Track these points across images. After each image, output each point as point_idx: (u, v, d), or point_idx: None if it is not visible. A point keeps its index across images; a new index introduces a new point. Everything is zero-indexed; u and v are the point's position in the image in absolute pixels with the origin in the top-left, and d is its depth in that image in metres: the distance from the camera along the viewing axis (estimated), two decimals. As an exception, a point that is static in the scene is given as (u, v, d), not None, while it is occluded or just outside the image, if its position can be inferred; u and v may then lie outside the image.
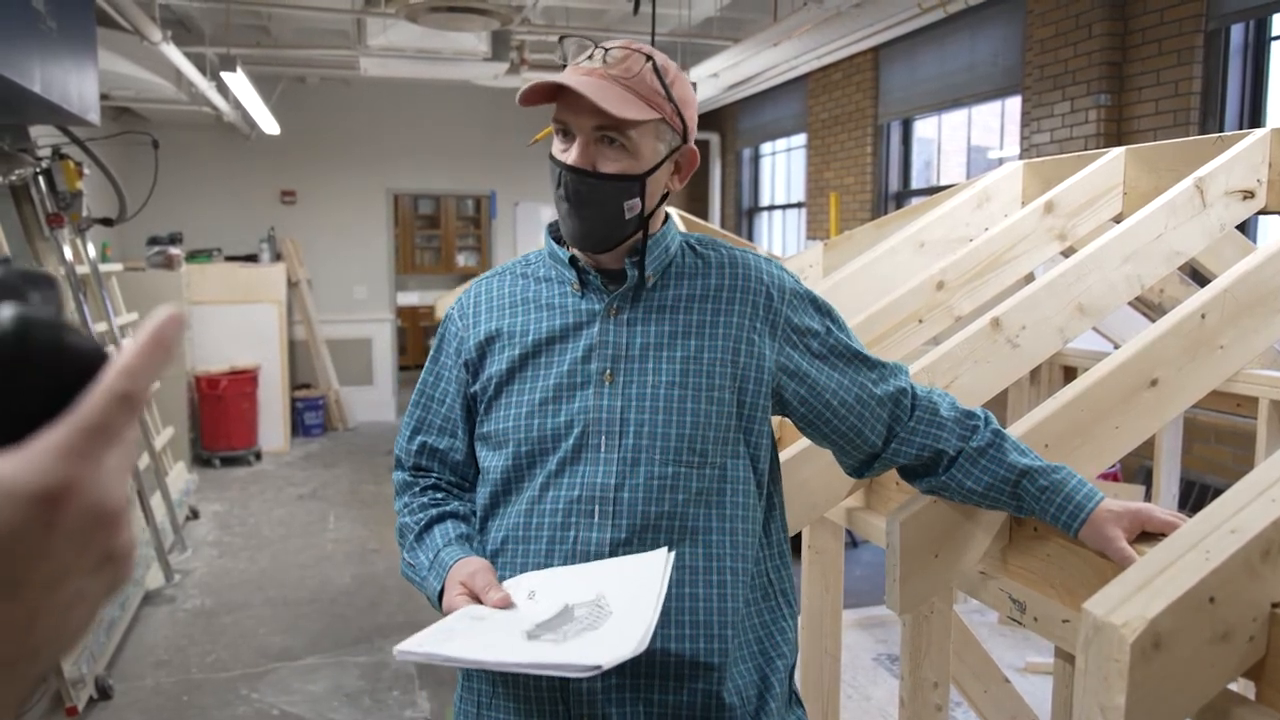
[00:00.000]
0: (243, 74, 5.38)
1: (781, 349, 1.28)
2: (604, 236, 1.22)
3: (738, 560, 1.23)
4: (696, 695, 1.19)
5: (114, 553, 0.39)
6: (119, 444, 0.38)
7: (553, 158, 1.23)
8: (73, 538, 0.36)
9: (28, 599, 0.36)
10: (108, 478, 0.37)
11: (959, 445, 1.34)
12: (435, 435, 1.34)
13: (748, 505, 1.25)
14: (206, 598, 4.53)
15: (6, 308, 0.37)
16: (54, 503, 0.35)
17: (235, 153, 8.44)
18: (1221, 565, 1.02)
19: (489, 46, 6.24)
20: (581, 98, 1.13)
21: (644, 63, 1.18)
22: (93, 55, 3.58)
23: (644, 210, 1.22)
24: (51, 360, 0.38)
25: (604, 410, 1.21)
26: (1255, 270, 1.74)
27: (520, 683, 1.20)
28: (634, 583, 1.10)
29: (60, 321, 0.39)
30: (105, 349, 0.40)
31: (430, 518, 1.29)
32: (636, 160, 1.19)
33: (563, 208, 1.22)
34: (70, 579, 0.37)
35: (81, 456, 0.36)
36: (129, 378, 0.38)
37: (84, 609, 0.38)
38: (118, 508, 0.38)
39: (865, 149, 6.84)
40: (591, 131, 1.17)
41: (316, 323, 8.55)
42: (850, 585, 4.42)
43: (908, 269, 2.42)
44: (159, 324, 0.40)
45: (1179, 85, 4.41)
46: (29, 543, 0.35)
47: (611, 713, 1.18)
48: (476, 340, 1.29)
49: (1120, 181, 2.39)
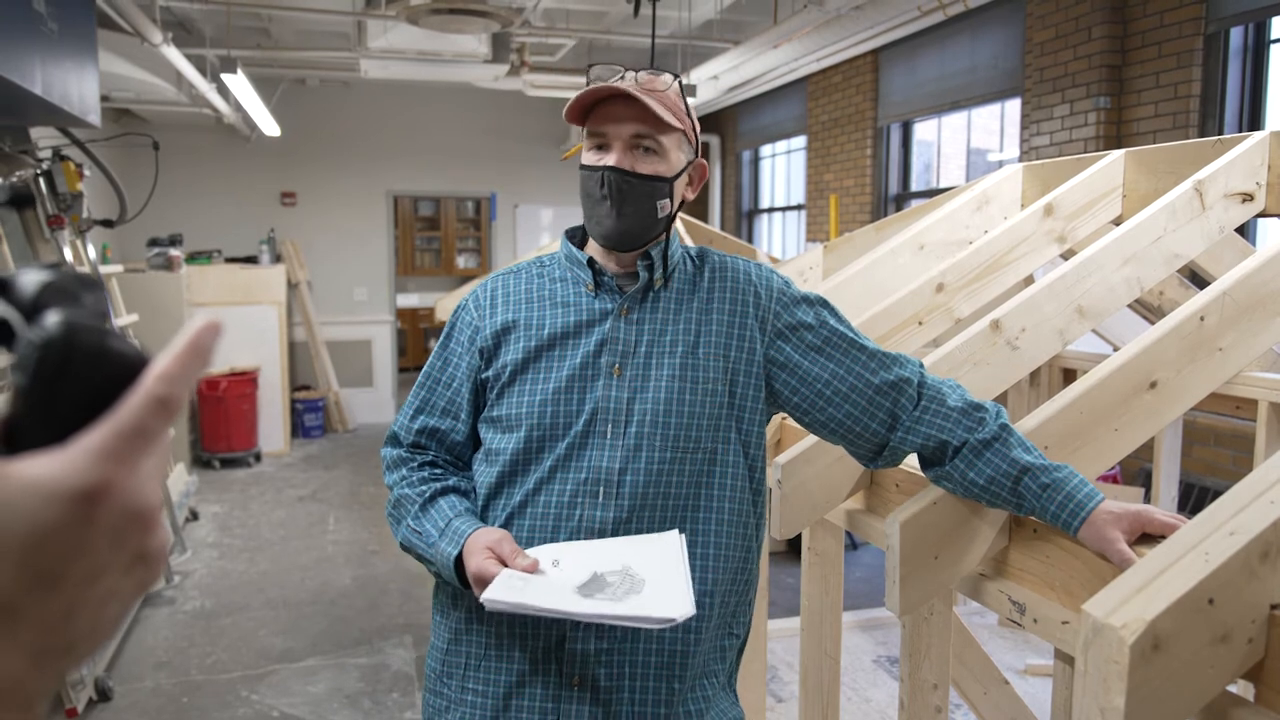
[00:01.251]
0: (243, 76, 5.38)
1: (772, 343, 1.39)
2: (639, 234, 1.35)
3: (721, 537, 1.35)
4: (675, 657, 1.33)
5: (146, 552, 0.40)
6: (155, 447, 0.40)
7: (587, 166, 1.36)
8: (109, 535, 0.38)
9: (66, 592, 0.37)
10: (143, 479, 0.39)
11: (964, 436, 1.36)
12: (438, 417, 1.42)
13: (735, 488, 1.37)
14: (206, 599, 4.53)
15: (53, 314, 0.39)
16: (92, 501, 0.37)
17: (235, 154, 8.44)
18: (1221, 567, 1.02)
19: (489, 49, 6.25)
20: (621, 108, 1.30)
21: (672, 81, 1.35)
22: (93, 57, 3.58)
23: (671, 212, 1.36)
24: (95, 365, 0.39)
25: (611, 400, 1.33)
26: (1254, 273, 1.74)
27: (519, 644, 1.32)
28: (655, 557, 1.23)
29: (104, 327, 0.40)
30: (146, 354, 0.41)
31: (435, 490, 1.37)
32: (668, 164, 1.34)
33: (601, 208, 1.34)
34: (106, 575, 0.39)
35: (119, 458, 0.38)
36: (167, 383, 0.40)
37: (117, 606, 0.40)
38: (152, 508, 0.40)
39: (865, 151, 6.85)
40: (629, 138, 1.32)
41: (316, 324, 8.55)
42: (850, 587, 4.43)
43: (908, 271, 2.43)
44: (197, 331, 0.41)
45: (1178, 88, 4.41)
46: (68, 539, 0.37)
47: (600, 673, 1.31)
48: (493, 329, 1.39)
49: (1120, 184, 2.39)
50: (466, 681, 1.35)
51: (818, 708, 2.13)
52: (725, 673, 1.43)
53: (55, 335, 0.38)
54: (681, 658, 1.33)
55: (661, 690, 1.32)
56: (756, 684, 2.34)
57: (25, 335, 0.38)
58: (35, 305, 0.40)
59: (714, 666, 1.40)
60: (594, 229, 1.37)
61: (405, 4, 4.70)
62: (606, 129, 1.32)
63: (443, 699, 1.38)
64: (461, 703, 1.35)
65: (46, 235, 4.13)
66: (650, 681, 1.32)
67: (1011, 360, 1.90)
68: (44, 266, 0.42)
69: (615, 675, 1.31)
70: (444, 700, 1.38)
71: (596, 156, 1.34)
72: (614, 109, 1.31)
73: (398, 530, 1.39)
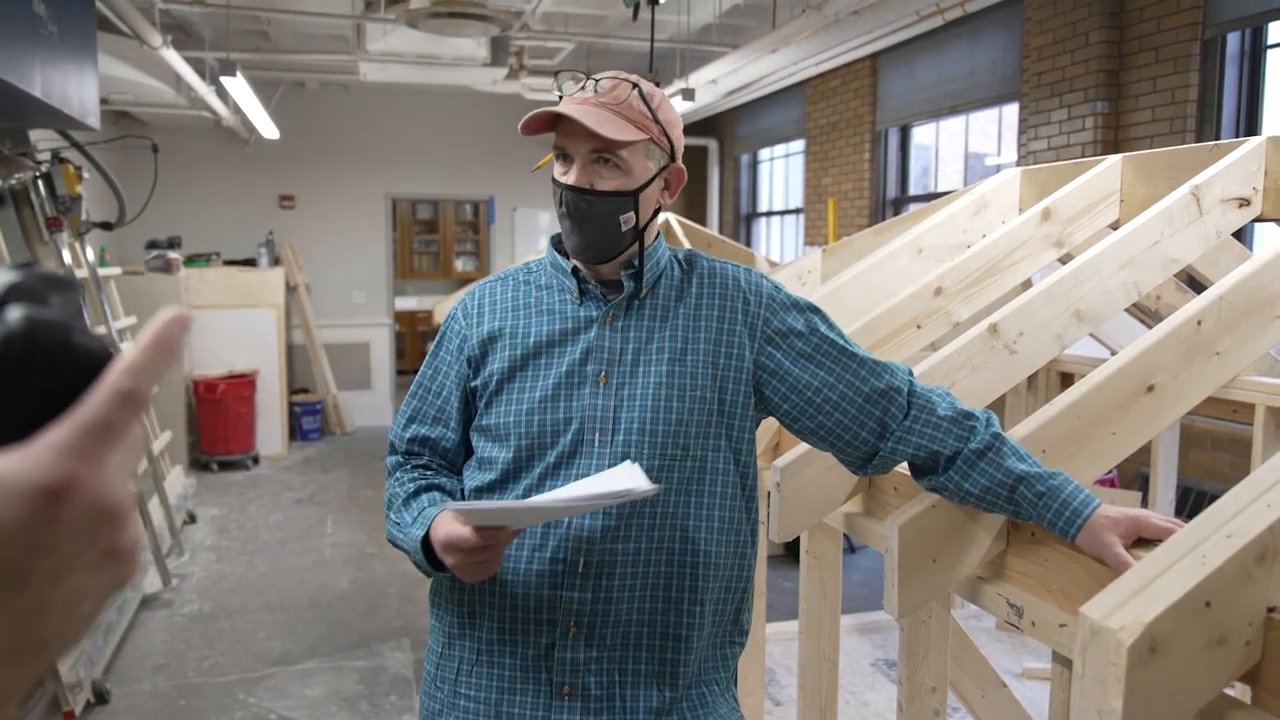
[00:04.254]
0: (242, 79, 5.39)
1: (762, 349, 1.37)
2: (603, 248, 1.33)
3: (711, 544, 1.34)
4: (666, 665, 1.33)
5: (118, 549, 0.39)
6: (122, 442, 0.39)
7: (555, 180, 1.34)
8: (75, 532, 0.37)
9: (34, 590, 0.37)
10: (110, 474, 0.38)
11: (956, 446, 1.35)
12: (429, 425, 1.43)
13: (725, 494, 1.36)
14: (204, 602, 4.52)
15: (15, 309, 0.38)
16: (57, 498, 0.36)
17: (234, 157, 8.45)
18: (1217, 570, 1.03)
19: (488, 52, 6.26)
20: (578, 124, 1.26)
21: (630, 90, 1.31)
22: (93, 60, 3.59)
23: (638, 223, 1.34)
24: (57, 360, 0.39)
25: (599, 409, 1.32)
26: (1251, 277, 1.75)
27: (508, 651, 1.32)
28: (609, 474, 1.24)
29: (67, 322, 0.39)
30: (113, 348, 0.41)
31: (418, 486, 1.38)
32: (629, 178, 1.31)
33: (565, 224, 1.33)
34: (74, 573, 0.38)
35: (83, 453, 0.37)
36: (132, 376, 0.39)
37: (89, 604, 0.39)
38: (121, 504, 0.39)
39: (863, 155, 6.86)
40: (588, 154, 1.30)
41: (315, 327, 8.55)
42: (848, 590, 4.43)
43: (906, 275, 2.43)
44: (163, 324, 0.41)
45: (1176, 93, 4.42)
46: (32, 536, 0.36)
47: (590, 681, 1.31)
48: (479, 338, 1.39)
49: (1117, 189, 2.40)
50: (459, 687, 1.35)
51: (816, 711, 2.13)
52: (727, 680, 1.43)
53: (15, 330, 0.38)
54: (673, 665, 1.33)
55: (653, 699, 1.32)
56: (755, 687, 2.34)
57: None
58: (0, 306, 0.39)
59: (716, 674, 1.40)
60: (566, 242, 1.37)
61: (404, 7, 4.71)
62: (566, 145, 1.31)
63: (436, 702, 1.38)
64: (454, 708, 1.35)
65: (45, 238, 4.13)
66: (642, 689, 1.32)
67: (1009, 364, 1.91)
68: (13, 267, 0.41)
69: (606, 684, 1.31)
70: (437, 704, 1.38)
71: (561, 170, 1.33)
72: (570, 124, 1.27)
73: (386, 527, 1.41)
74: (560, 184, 1.32)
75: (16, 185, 3.97)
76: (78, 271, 4.40)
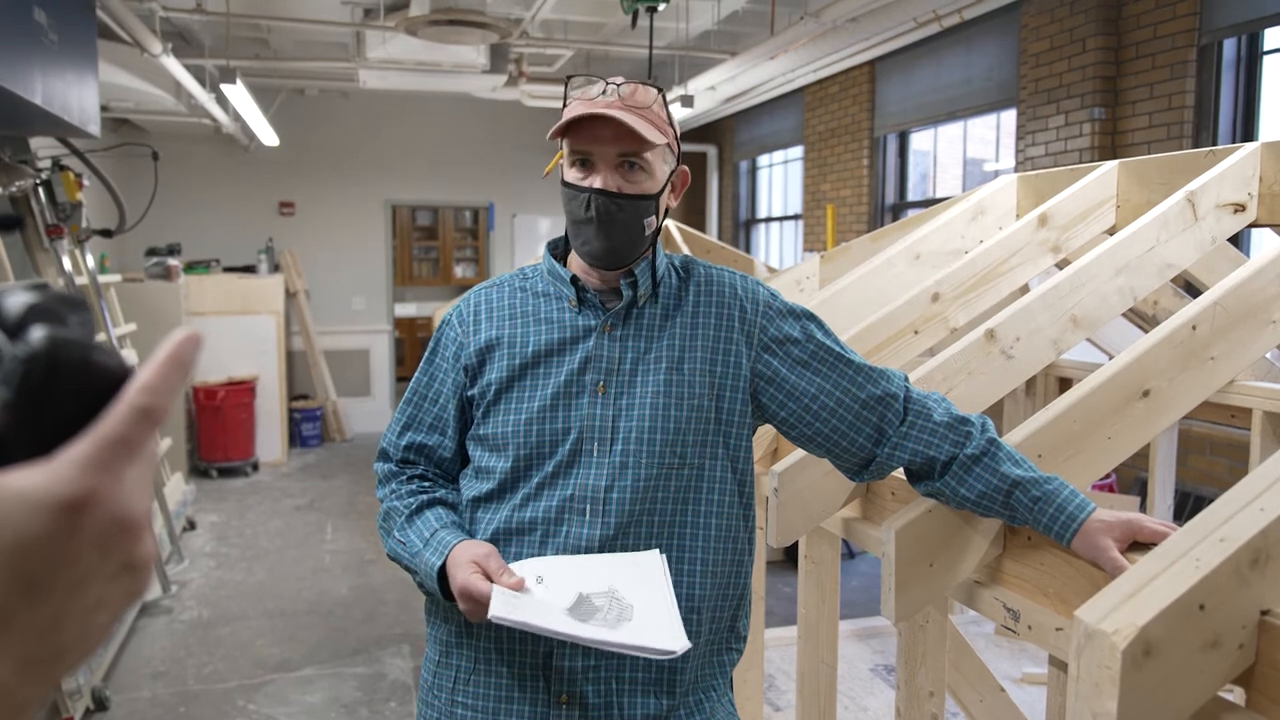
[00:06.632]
0: (242, 86, 5.40)
1: (759, 357, 1.38)
2: (625, 253, 1.33)
3: (709, 552, 1.35)
4: (663, 672, 1.33)
5: (134, 561, 0.41)
6: (140, 457, 0.40)
7: (572, 185, 1.32)
8: (95, 545, 0.39)
9: (54, 601, 0.38)
10: (129, 488, 0.40)
11: (952, 452, 1.36)
12: (425, 433, 1.42)
13: (723, 503, 1.36)
14: (203, 609, 4.52)
15: (38, 329, 0.40)
16: (78, 511, 0.38)
17: (234, 164, 8.46)
18: (1211, 573, 1.03)
19: (487, 59, 6.28)
20: (604, 127, 1.27)
21: (655, 94, 1.32)
22: (93, 68, 3.60)
23: (657, 226, 1.34)
24: (79, 378, 0.40)
25: (597, 419, 1.32)
26: (1245, 282, 1.76)
27: (505, 660, 1.32)
28: (638, 579, 1.24)
29: (88, 341, 0.41)
30: (129, 366, 0.42)
31: (421, 502, 1.37)
32: (652, 180, 1.32)
33: (588, 229, 1.31)
34: (93, 584, 0.39)
35: (103, 468, 0.39)
36: (149, 394, 0.40)
37: (105, 614, 0.40)
38: (139, 517, 0.40)
39: (861, 161, 6.88)
40: (614, 157, 1.29)
41: (314, 334, 8.56)
42: (847, 596, 4.43)
43: (904, 281, 2.44)
44: (177, 343, 0.42)
45: (1172, 99, 4.44)
46: (54, 549, 0.37)
47: (588, 690, 1.31)
48: (477, 346, 1.38)
49: (1113, 195, 2.41)
50: (456, 695, 1.35)
51: (815, 716, 2.13)
52: (726, 686, 1.43)
53: (39, 350, 0.39)
54: (670, 673, 1.33)
55: (651, 706, 1.32)
56: (754, 693, 2.35)
57: (9, 351, 0.39)
58: (20, 325, 0.40)
59: (714, 680, 1.40)
60: (580, 248, 1.34)
61: (404, 15, 4.72)
62: (591, 149, 1.29)
63: (434, 710, 1.38)
64: (452, 716, 1.35)
65: (45, 245, 4.14)
66: (639, 697, 1.32)
67: (1006, 369, 1.91)
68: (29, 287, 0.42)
69: (603, 692, 1.31)
70: (435, 712, 1.38)
71: (581, 175, 1.31)
72: (598, 128, 1.27)
73: (387, 542, 1.40)
74: (585, 188, 1.29)
75: (17, 193, 3.98)
76: (78, 279, 4.41)
